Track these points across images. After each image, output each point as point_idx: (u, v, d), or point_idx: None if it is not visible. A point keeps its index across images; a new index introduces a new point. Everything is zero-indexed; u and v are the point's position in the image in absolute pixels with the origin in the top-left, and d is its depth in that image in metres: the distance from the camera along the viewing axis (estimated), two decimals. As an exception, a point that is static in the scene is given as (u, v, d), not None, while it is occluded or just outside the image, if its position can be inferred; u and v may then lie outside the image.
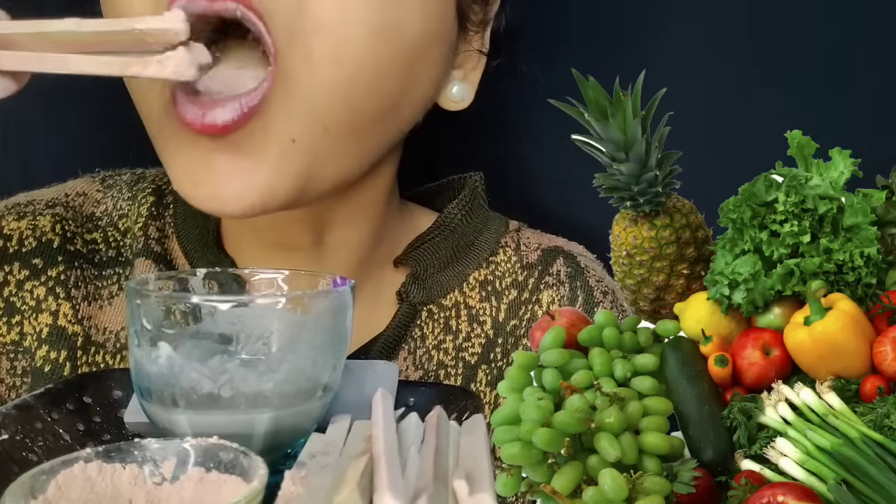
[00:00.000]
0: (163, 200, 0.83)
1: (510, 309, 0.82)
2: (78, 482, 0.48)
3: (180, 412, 0.56)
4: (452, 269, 0.83)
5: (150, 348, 0.56)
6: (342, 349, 0.61)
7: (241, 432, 0.55)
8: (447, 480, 0.50)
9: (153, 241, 0.80)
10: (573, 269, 0.84)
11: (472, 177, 0.88)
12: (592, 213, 0.68)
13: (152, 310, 0.56)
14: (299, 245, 0.79)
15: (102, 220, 0.81)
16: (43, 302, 0.76)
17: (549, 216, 0.93)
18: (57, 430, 0.61)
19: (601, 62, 0.65)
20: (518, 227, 0.88)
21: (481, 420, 0.59)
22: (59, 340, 0.76)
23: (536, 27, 0.94)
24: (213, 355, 0.56)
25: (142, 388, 0.57)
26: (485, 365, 0.81)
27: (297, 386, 0.57)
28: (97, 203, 0.83)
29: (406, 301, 0.81)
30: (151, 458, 0.50)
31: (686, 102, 0.62)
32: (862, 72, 0.91)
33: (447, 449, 0.55)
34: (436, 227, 0.83)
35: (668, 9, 0.93)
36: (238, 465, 0.49)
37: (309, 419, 0.59)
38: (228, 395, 0.55)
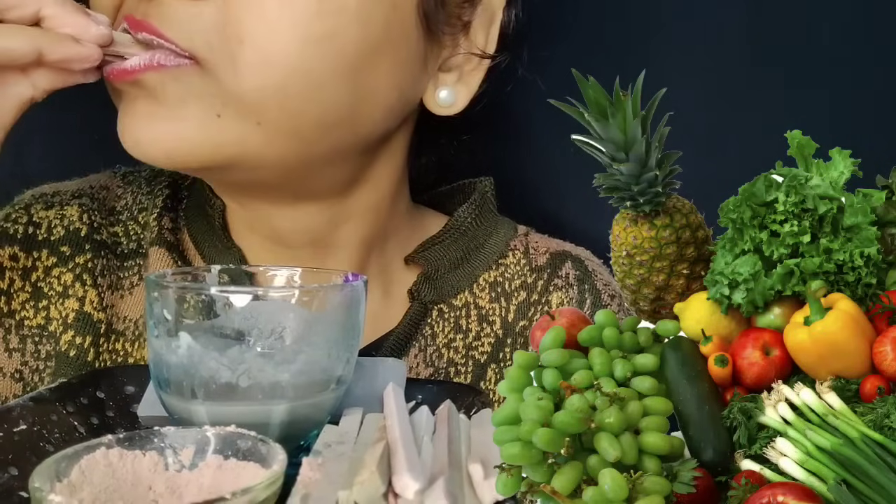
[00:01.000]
0: (178, 194, 0.85)
1: (519, 310, 0.84)
2: (100, 467, 0.49)
3: (199, 403, 0.57)
4: (463, 269, 0.84)
5: (170, 338, 0.57)
6: (355, 343, 0.62)
7: (258, 422, 0.56)
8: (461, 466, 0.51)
9: (167, 231, 0.82)
10: (581, 273, 0.85)
11: (482, 181, 0.89)
12: (592, 214, 0.68)
13: (171, 301, 0.58)
14: (297, 244, 0.80)
15: (123, 214, 0.84)
16: (70, 288, 0.78)
17: (549, 216, 0.94)
18: (72, 423, 0.62)
19: (601, 62, 0.65)
20: (526, 232, 0.89)
21: (490, 414, 0.59)
22: (85, 326, 0.77)
23: (536, 27, 0.94)
24: (231, 347, 0.57)
25: (160, 378, 0.59)
26: (494, 364, 0.82)
27: (312, 377, 0.59)
28: (118, 198, 0.85)
29: (417, 299, 0.82)
30: (171, 445, 0.52)
31: (686, 102, 0.62)
32: (862, 72, 0.91)
33: (459, 438, 0.56)
34: (447, 230, 0.85)
35: (668, 9, 0.93)
36: (256, 452, 0.51)
37: (323, 411, 0.60)
38: (246, 384, 0.57)
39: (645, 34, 0.93)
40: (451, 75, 0.79)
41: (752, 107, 0.92)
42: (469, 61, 0.79)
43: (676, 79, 0.61)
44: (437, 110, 0.80)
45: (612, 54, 0.92)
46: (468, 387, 0.74)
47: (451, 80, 0.79)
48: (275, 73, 0.67)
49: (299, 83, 0.68)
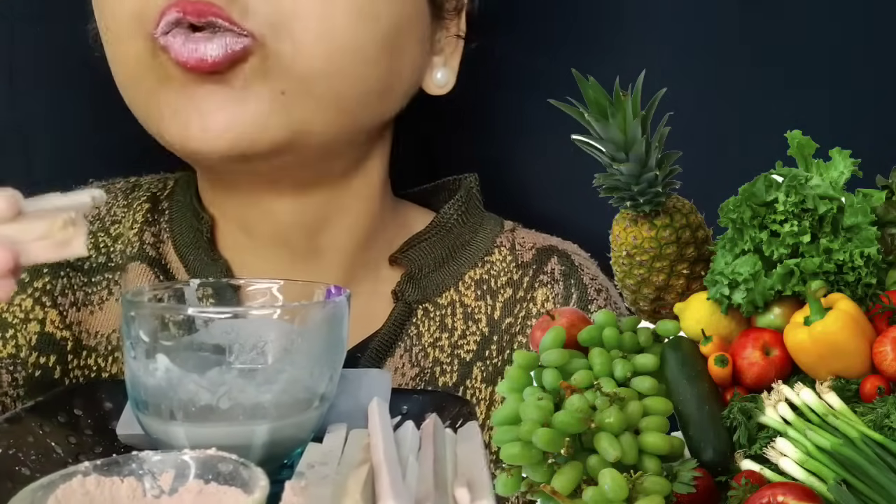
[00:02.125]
0: (158, 206, 0.84)
1: (505, 307, 0.83)
2: (77, 496, 0.48)
3: (178, 424, 0.55)
4: (448, 268, 0.84)
5: (147, 360, 0.56)
6: (338, 359, 0.61)
7: (239, 444, 0.55)
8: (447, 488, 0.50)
9: (148, 246, 0.81)
10: (567, 268, 0.85)
11: (467, 178, 0.89)
12: (592, 214, 0.68)
13: (148, 321, 0.56)
14: (294, 241, 0.79)
15: (94, 224, 0.82)
16: (30, 312, 0.77)
17: (549, 216, 0.93)
18: (49, 444, 0.60)
19: (601, 62, 0.65)
20: (513, 227, 0.89)
21: (476, 427, 0.59)
22: (48, 346, 0.77)
23: (536, 26, 0.94)
24: (210, 366, 0.56)
25: (138, 400, 0.57)
26: (480, 362, 0.81)
27: (294, 397, 0.57)
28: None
29: (401, 300, 0.82)
30: (150, 470, 0.50)
31: (686, 102, 0.62)
32: (862, 72, 0.91)
33: (445, 457, 0.55)
34: (432, 227, 0.84)
35: (668, 9, 0.93)
36: (238, 476, 0.49)
37: (306, 430, 0.59)
38: (226, 406, 0.55)
39: (645, 34, 0.93)
40: (440, 58, 0.82)
41: (752, 107, 0.92)
42: (450, 44, 0.82)
43: (676, 79, 0.61)
44: (434, 90, 0.82)
45: (611, 54, 0.92)
46: (454, 396, 0.72)
47: (440, 62, 0.82)
48: (331, 49, 0.69)
49: (351, 59, 0.71)
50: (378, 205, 0.82)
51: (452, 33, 0.82)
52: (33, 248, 0.52)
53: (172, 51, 0.67)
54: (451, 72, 0.83)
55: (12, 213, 0.52)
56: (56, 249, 0.53)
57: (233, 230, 0.81)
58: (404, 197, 0.90)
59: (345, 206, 0.80)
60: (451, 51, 0.83)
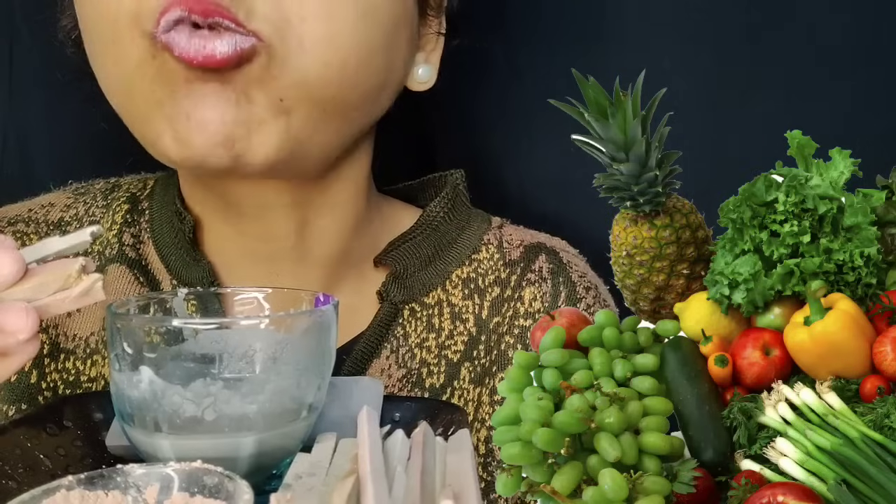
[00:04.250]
0: (138, 207, 0.83)
1: (493, 306, 0.83)
2: None
3: (163, 437, 0.55)
4: (434, 267, 0.83)
5: (131, 373, 0.55)
6: (327, 368, 0.60)
7: (226, 455, 0.54)
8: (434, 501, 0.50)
9: (127, 248, 0.80)
10: (555, 266, 0.85)
11: (452, 174, 0.88)
12: (592, 214, 0.68)
13: (133, 333, 0.55)
14: (280, 237, 0.78)
15: (72, 224, 0.81)
16: None
17: (549, 216, 0.93)
18: (37, 456, 0.59)
19: (601, 62, 0.65)
20: (501, 224, 0.88)
21: (467, 436, 0.58)
22: None
23: (536, 26, 0.94)
24: (196, 377, 0.55)
25: (123, 412, 0.57)
26: (468, 362, 0.81)
27: (281, 407, 0.57)
28: (66, 208, 0.83)
29: (387, 300, 0.81)
30: (134, 484, 0.49)
31: (686, 102, 0.62)
32: (862, 72, 0.91)
33: (434, 468, 0.55)
34: (418, 226, 0.83)
35: (668, 8, 0.93)
36: (223, 489, 0.48)
37: (294, 440, 0.58)
38: (212, 417, 0.55)
39: (645, 33, 0.93)
40: (422, 54, 0.82)
41: (752, 107, 0.92)
42: (430, 41, 0.82)
43: (676, 79, 0.61)
44: (416, 87, 0.82)
45: (611, 54, 0.92)
46: (447, 404, 0.72)
47: (422, 59, 0.82)
48: (338, 49, 0.69)
49: (356, 58, 0.70)
50: (363, 203, 0.81)
51: (434, 30, 0.81)
52: (53, 303, 0.51)
53: (177, 48, 0.64)
54: (433, 68, 0.82)
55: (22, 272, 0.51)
56: (79, 301, 0.52)
57: (216, 230, 0.80)
58: (389, 193, 0.89)
59: (330, 204, 0.79)
60: (432, 48, 0.82)
